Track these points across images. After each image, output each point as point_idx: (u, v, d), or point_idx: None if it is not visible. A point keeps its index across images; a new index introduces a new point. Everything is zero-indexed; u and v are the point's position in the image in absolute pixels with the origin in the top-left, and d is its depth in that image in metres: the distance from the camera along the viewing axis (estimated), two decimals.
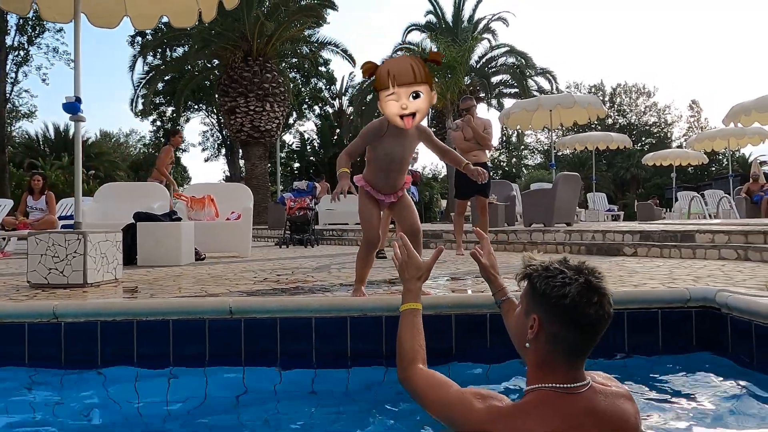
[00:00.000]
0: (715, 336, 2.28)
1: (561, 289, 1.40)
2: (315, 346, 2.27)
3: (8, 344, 2.22)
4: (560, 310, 1.41)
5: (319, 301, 2.36)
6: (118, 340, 2.25)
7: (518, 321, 1.56)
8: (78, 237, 3.71)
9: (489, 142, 6.81)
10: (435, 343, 1.99)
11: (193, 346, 2.24)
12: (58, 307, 2.24)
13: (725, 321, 2.21)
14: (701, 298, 2.32)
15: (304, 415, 1.92)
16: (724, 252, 5.77)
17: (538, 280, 1.47)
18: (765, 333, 2.00)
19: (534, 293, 1.47)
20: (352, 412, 1.93)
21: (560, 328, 1.42)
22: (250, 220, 6.99)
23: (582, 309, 1.39)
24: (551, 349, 1.44)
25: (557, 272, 1.44)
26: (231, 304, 2.27)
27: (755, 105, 11.69)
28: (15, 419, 1.88)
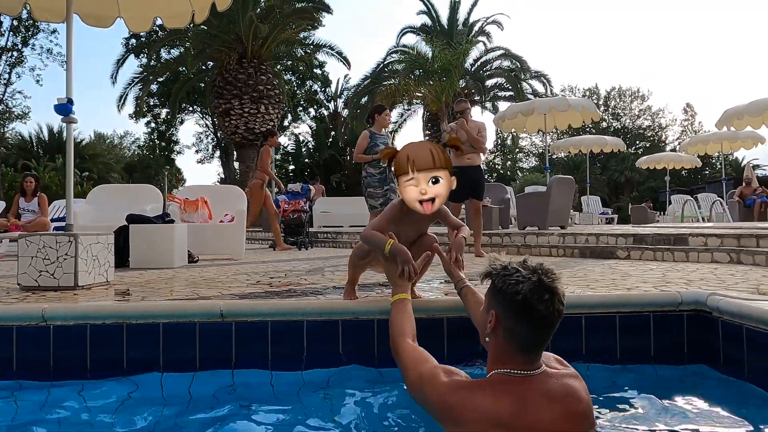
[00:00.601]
0: (706, 340, 2.28)
1: (515, 287, 1.54)
2: (306, 349, 2.26)
3: None
4: (514, 306, 1.54)
5: (310, 304, 2.34)
6: (108, 344, 2.23)
7: (481, 317, 1.72)
8: (69, 239, 3.68)
9: (483, 145, 6.81)
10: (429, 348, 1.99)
11: (184, 350, 2.22)
12: (47, 310, 2.22)
13: (717, 325, 2.21)
14: (693, 301, 2.33)
15: (295, 417, 1.91)
16: (717, 255, 5.79)
17: (496, 279, 1.61)
18: (755, 337, 2.00)
19: (493, 291, 1.62)
20: (342, 414, 1.93)
21: (515, 323, 1.56)
22: (243, 222, 6.97)
23: (534, 305, 1.52)
24: (508, 343, 1.58)
25: (514, 271, 1.58)
26: (222, 307, 2.26)
27: (747, 109, 11.76)
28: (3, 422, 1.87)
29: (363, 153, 6.35)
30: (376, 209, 6.37)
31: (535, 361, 1.59)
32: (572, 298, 2.37)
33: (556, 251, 7.25)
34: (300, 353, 2.24)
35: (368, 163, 6.34)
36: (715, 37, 69.66)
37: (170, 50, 24.16)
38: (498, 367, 1.60)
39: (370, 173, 6.37)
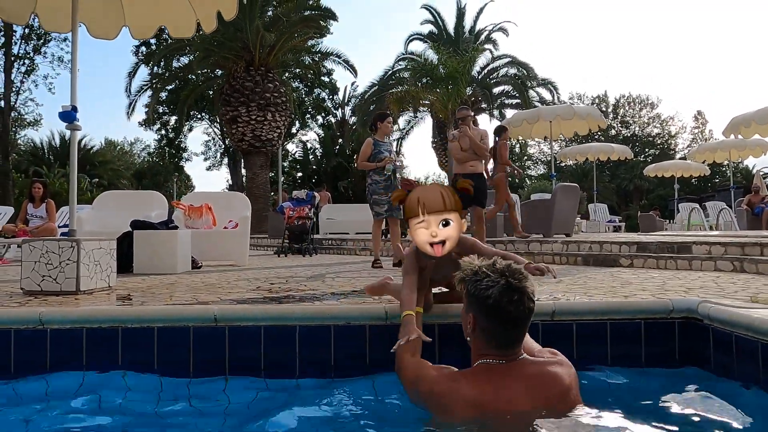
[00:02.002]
0: (697, 347, 2.28)
1: (485, 291, 1.67)
2: (299, 354, 2.28)
3: None
4: (487, 309, 1.68)
5: (302, 309, 2.37)
6: (104, 347, 2.26)
7: (462, 317, 1.86)
8: (71, 244, 3.73)
9: (485, 152, 6.84)
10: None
11: (178, 353, 2.25)
12: (44, 314, 2.26)
13: (707, 332, 2.21)
14: (684, 309, 2.33)
15: (288, 420, 1.93)
16: (720, 264, 5.76)
17: (469, 284, 1.74)
18: (745, 345, 2.00)
19: (468, 295, 1.76)
20: (334, 420, 1.94)
21: (488, 323, 1.70)
22: (247, 228, 7.01)
23: (504, 307, 1.65)
24: (486, 340, 1.74)
25: (483, 276, 1.70)
26: (215, 312, 2.29)
27: (755, 117, 11.69)
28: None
29: (367, 160, 6.38)
30: (381, 216, 6.39)
31: (513, 353, 1.73)
32: (564, 305, 2.38)
33: (559, 259, 7.23)
34: (293, 358, 2.26)
35: (373, 170, 6.36)
36: (727, 43, 69.33)
37: (179, 58, 24.43)
38: (479, 360, 1.76)
39: (375, 180, 6.39)
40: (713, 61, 69.62)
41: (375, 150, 6.38)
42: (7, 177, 25.12)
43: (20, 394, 2.15)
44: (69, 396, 2.11)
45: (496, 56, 23.81)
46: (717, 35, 70.19)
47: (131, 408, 2.03)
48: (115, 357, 2.26)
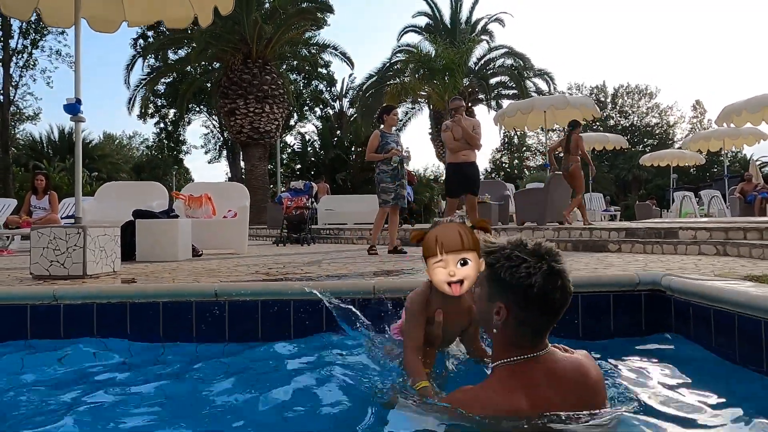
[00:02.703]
0: (662, 317, 2.47)
1: (527, 279, 1.46)
2: (293, 326, 2.47)
3: (12, 324, 2.42)
4: (529, 299, 1.47)
5: (297, 285, 2.55)
6: (113, 321, 2.45)
7: (481, 305, 1.63)
8: (78, 231, 3.91)
9: (478, 141, 7.00)
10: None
11: (182, 326, 2.44)
12: (57, 291, 2.45)
13: (670, 303, 2.40)
14: (650, 282, 2.51)
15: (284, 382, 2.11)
16: (704, 248, 5.94)
17: (501, 270, 1.51)
18: (702, 312, 2.18)
19: (498, 281, 1.52)
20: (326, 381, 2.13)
21: (528, 313, 1.49)
22: (246, 218, 7.19)
23: (550, 295, 1.47)
24: (519, 332, 1.53)
25: (520, 261, 1.49)
26: (216, 288, 2.47)
27: (746, 105, 11.85)
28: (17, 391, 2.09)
29: (375, 152, 6.59)
30: (388, 203, 6.62)
31: (544, 344, 1.56)
32: None
33: None
34: (288, 328, 2.45)
35: (381, 161, 6.58)
36: (725, 33, 69.21)
37: (177, 51, 24.49)
38: (506, 357, 1.56)
39: (383, 170, 6.62)
40: (712, 51, 69.54)
41: (382, 141, 6.59)
42: (8, 171, 25.26)
43: (35, 362, 2.34)
44: (81, 363, 2.30)
45: (493, 47, 23.91)
46: (715, 25, 70.07)
47: (135, 371, 2.21)
48: (123, 329, 2.44)
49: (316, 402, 1.84)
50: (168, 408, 1.82)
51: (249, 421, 1.69)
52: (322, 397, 1.87)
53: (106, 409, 1.80)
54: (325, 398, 1.85)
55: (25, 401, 1.93)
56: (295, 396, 1.85)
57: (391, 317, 2.36)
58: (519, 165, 50.07)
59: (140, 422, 1.69)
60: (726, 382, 1.94)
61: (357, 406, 1.77)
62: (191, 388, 2.00)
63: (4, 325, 2.42)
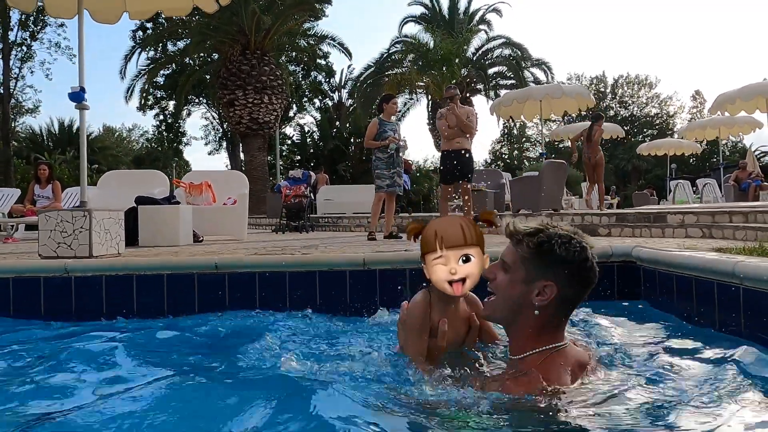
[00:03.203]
0: (632, 285, 2.64)
1: (582, 254, 1.48)
2: (289, 295, 2.64)
3: (27, 295, 2.60)
4: (581, 273, 1.50)
5: (292, 258, 2.73)
6: (121, 291, 2.63)
7: (514, 291, 1.57)
8: (84, 214, 4.08)
9: (472, 129, 7.15)
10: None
11: (184, 296, 2.62)
12: (68, 264, 2.62)
13: (639, 271, 2.57)
14: (621, 253, 2.69)
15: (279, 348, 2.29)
16: (691, 231, 6.11)
17: (558, 247, 1.49)
18: (665, 278, 2.36)
19: (550, 259, 1.50)
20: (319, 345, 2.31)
21: (576, 289, 1.51)
22: (245, 204, 7.35)
23: (593, 269, 1.52)
24: (559, 311, 1.53)
25: (569, 237, 1.50)
26: (216, 261, 2.65)
27: (739, 94, 11.97)
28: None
29: (373, 139, 6.74)
30: (383, 189, 6.77)
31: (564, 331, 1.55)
32: None
33: None
34: (283, 298, 2.63)
35: (378, 148, 6.74)
36: (724, 22, 69.01)
37: (176, 42, 24.56)
38: (540, 343, 1.54)
39: (379, 157, 6.78)
40: (712, 40, 69.37)
41: (380, 129, 6.75)
42: (9, 163, 25.41)
43: (48, 330, 2.52)
44: (90, 329, 2.47)
45: (491, 37, 23.96)
46: (715, 14, 69.85)
47: (144, 336, 2.39)
48: (130, 299, 2.62)
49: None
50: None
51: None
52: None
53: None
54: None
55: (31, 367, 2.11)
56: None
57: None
58: (519, 156, 50.16)
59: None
60: (689, 339, 2.11)
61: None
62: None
63: (20, 296, 2.60)
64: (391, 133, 6.77)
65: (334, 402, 1.41)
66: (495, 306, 1.63)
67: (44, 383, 1.83)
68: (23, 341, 2.37)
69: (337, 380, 1.67)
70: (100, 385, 1.81)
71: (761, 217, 6.02)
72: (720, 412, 1.33)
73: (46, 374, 1.92)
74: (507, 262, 1.59)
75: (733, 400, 1.41)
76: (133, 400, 1.51)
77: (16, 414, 1.57)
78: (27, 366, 2.07)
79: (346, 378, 1.70)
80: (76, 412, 1.46)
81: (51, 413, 1.55)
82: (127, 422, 1.35)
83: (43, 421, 1.46)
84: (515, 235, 1.58)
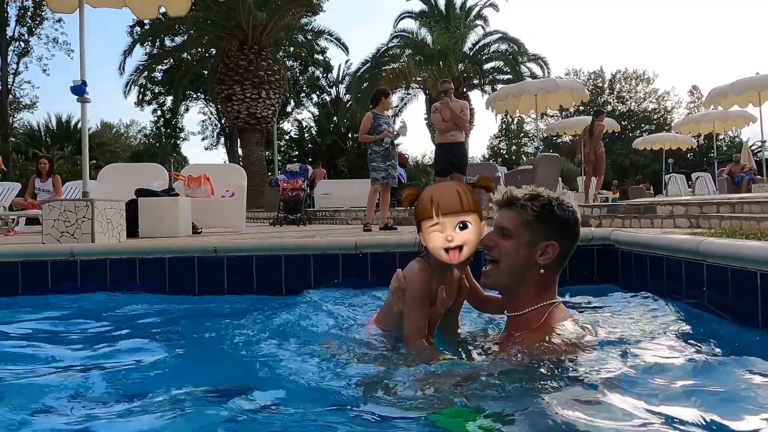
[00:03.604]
0: (610, 266, 2.79)
1: (573, 214, 1.67)
2: (285, 278, 2.78)
3: (34, 277, 2.74)
4: (575, 230, 1.68)
5: (287, 241, 2.86)
6: (124, 274, 2.76)
7: (518, 254, 1.66)
8: (86, 204, 4.21)
9: (465, 122, 7.28)
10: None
11: (185, 278, 2.75)
12: (74, 248, 2.75)
13: (617, 254, 2.71)
14: (601, 237, 2.83)
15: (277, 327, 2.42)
16: (679, 221, 6.25)
17: (560, 211, 1.64)
18: (641, 259, 2.50)
19: (553, 222, 1.64)
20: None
21: (570, 244, 1.68)
22: (243, 197, 7.48)
23: (580, 224, 1.71)
24: (558, 267, 1.69)
25: (561, 200, 1.67)
26: (215, 244, 2.78)
27: (731, 89, 12.11)
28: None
29: (367, 133, 6.86)
30: (378, 181, 6.90)
31: None
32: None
33: None
34: (279, 280, 2.76)
35: (374, 141, 6.86)
36: (722, 17, 69.07)
37: (173, 38, 24.60)
38: (541, 299, 1.65)
39: (375, 151, 6.90)
40: (709, 35, 69.44)
41: (375, 123, 6.87)
42: (7, 159, 25.44)
43: (54, 307, 2.65)
44: (96, 310, 2.61)
45: (488, 32, 24.04)
46: (712, 9, 69.88)
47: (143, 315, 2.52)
48: (133, 281, 2.75)
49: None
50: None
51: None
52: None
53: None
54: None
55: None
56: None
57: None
58: (517, 151, 50.27)
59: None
60: (661, 313, 2.25)
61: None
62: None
63: (29, 278, 2.73)
64: (386, 126, 6.89)
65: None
66: (500, 273, 1.69)
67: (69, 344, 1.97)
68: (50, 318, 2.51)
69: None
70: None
71: (747, 208, 6.16)
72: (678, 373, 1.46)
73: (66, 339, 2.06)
74: (508, 228, 1.66)
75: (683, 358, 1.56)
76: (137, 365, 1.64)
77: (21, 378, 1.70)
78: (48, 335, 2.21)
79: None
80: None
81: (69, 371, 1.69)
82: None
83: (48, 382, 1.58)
84: (516, 200, 1.67)
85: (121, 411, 1.36)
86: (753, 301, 1.75)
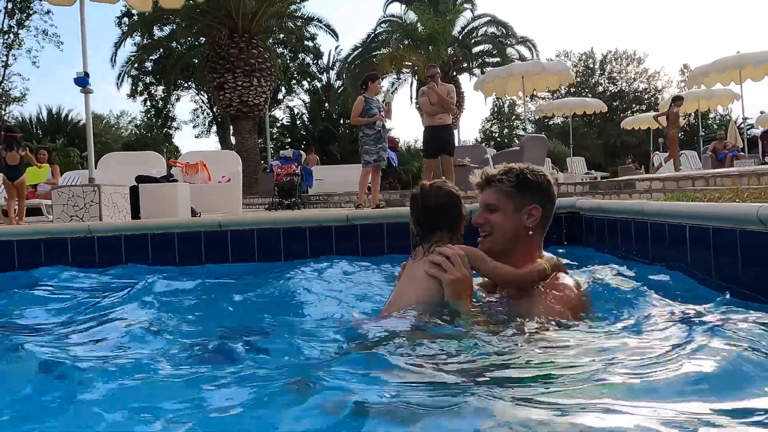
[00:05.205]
0: (576, 232, 3.10)
1: (545, 177, 1.85)
2: (284, 249, 3.08)
3: (55, 253, 3.02)
4: (549, 191, 1.85)
5: (285, 215, 3.15)
6: (137, 249, 3.05)
7: (508, 223, 1.80)
8: (93, 189, 4.49)
9: (452, 105, 7.55)
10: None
11: (193, 251, 3.04)
12: (91, 226, 3.03)
13: (582, 220, 3.02)
14: (567, 205, 3.13)
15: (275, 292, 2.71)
16: (656, 196, 6.57)
17: (533, 177, 1.81)
18: (600, 223, 2.81)
19: (529, 188, 1.80)
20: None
21: (550, 204, 1.85)
22: (239, 182, 7.75)
23: (553, 186, 1.90)
24: (543, 229, 1.86)
25: (530, 168, 1.85)
26: (220, 220, 3.06)
27: (713, 68, 12.40)
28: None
29: (359, 116, 7.12)
30: (370, 164, 7.18)
31: None
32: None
33: None
34: (278, 250, 3.06)
35: (365, 125, 7.13)
36: None
37: (162, 27, 24.56)
38: (534, 258, 1.79)
39: (366, 134, 7.18)
40: (699, 12, 69.49)
41: (366, 106, 7.13)
42: None
43: (76, 281, 2.94)
44: (112, 284, 2.89)
45: (476, 16, 24.16)
46: None
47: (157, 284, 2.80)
48: (146, 255, 3.04)
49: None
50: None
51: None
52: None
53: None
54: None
55: None
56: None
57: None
58: (509, 134, 50.44)
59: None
60: (617, 271, 2.56)
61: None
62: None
63: (51, 254, 3.01)
64: (377, 110, 7.16)
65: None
66: (494, 241, 1.82)
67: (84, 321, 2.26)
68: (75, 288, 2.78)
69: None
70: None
71: (720, 181, 6.50)
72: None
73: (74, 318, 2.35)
74: (492, 203, 1.82)
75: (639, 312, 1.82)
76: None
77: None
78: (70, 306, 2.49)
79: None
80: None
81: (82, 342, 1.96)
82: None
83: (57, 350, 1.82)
84: (493, 177, 1.84)
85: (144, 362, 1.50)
86: (683, 249, 2.06)
